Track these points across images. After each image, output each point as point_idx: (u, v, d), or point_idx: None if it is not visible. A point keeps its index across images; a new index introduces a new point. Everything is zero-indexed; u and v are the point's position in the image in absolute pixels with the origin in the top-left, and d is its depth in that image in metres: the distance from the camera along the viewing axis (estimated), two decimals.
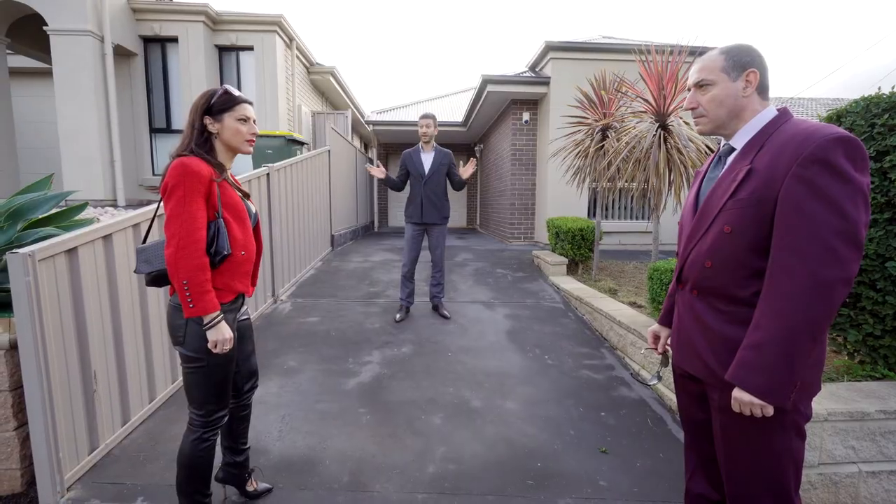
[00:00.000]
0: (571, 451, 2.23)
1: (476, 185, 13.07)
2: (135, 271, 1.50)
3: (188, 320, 1.43)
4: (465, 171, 3.75)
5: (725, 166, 1.21)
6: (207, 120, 1.45)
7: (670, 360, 1.44)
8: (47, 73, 7.38)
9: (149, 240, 1.61)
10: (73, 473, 1.90)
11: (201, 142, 1.45)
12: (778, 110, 1.17)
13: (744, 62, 1.15)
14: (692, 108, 1.27)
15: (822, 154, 0.98)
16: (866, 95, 2.31)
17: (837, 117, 2.43)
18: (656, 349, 1.52)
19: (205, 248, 1.38)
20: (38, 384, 1.74)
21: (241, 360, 1.70)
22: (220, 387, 1.53)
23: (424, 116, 3.82)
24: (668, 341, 1.48)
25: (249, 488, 1.84)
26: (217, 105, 1.45)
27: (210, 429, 1.55)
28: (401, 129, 11.38)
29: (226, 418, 1.61)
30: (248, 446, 1.84)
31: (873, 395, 2.01)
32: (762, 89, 1.17)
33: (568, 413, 2.57)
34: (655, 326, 1.55)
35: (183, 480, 1.56)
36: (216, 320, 1.42)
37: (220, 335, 1.43)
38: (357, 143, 11.99)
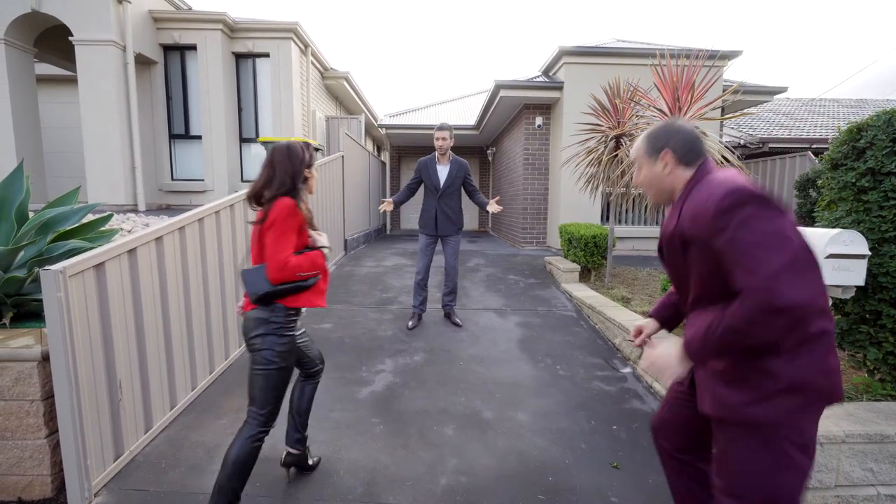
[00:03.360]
0: (583, 465, 2.23)
1: (488, 188, 13.06)
2: (246, 293, 1.70)
3: (266, 332, 1.66)
4: (492, 207, 3.68)
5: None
6: (307, 171, 1.76)
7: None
8: (72, 80, 7.63)
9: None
10: (100, 480, 1.98)
11: (301, 187, 1.74)
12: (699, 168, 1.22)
13: (659, 146, 1.25)
14: (637, 185, 1.37)
15: (734, 202, 1.03)
16: (888, 109, 2.27)
17: (858, 130, 2.39)
18: (635, 341, 1.54)
19: (288, 259, 1.64)
20: (69, 394, 1.82)
21: (306, 350, 1.98)
22: (281, 390, 1.74)
23: (441, 128, 3.71)
24: (650, 336, 1.51)
25: (311, 462, 2.11)
26: (312, 160, 1.79)
27: (266, 427, 1.71)
28: (413, 132, 11.43)
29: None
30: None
31: (894, 417, 1.97)
32: (687, 160, 1.22)
33: (580, 426, 2.57)
34: (642, 321, 1.57)
35: (228, 477, 1.62)
36: (327, 252, 1.80)
37: (327, 252, 1.80)
38: (370, 146, 12.10)
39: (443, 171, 3.83)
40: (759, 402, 1.07)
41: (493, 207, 3.69)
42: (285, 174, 1.68)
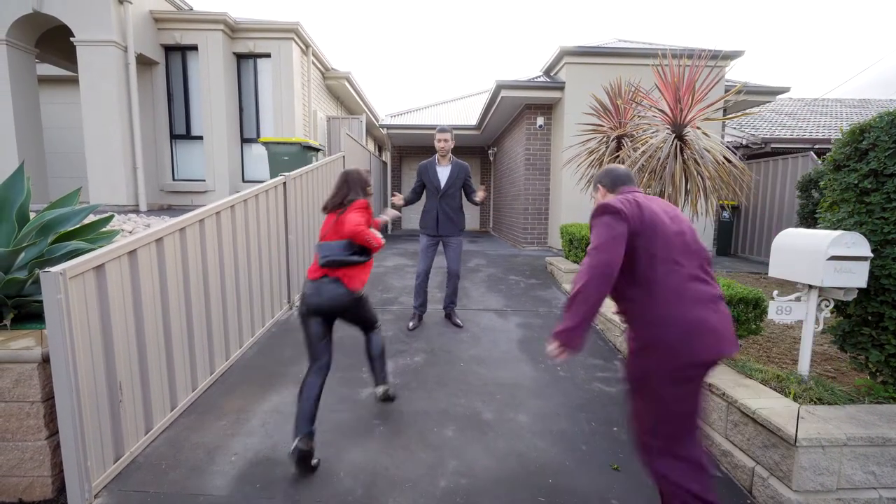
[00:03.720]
0: (583, 467, 2.23)
1: (489, 188, 13.06)
2: (319, 258, 2.27)
3: (361, 296, 2.36)
4: (480, 196, 3.77)
5: None
6: (368, 188, 2.46)
7: None
8: (74, 81, 7.64)
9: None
10: (101, 481, 1.98)
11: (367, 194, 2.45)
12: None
13: (596, 183, 1.92)
14: None
15: (593, 213, 1.64)
16: (891, 110, 2.26)
17: (860, 131, 2.37)
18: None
19: (362, 224, 2.28)
20: (69, 396, 1.82)
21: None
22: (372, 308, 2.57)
23: (442, 131, 3.75)
24: None
25: (313, 462, 2.16)
26: (370, 181, 2.48)
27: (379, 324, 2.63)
28: (415, 132, 11.43)
29: None
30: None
31: None
32: (612, 189, 1.82)
33: (580, 427, 2.57)
34: None
35: (382, 354, 2.59)
36: (388, 223, 2.44)
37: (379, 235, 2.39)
38: (371, 146, 12.10)
39: (443, 173, 3.85)
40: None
41: (479, 195, 3.78)
42: (358, 187, 2.40)
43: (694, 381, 1.49)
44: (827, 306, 2.40)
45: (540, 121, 7.77)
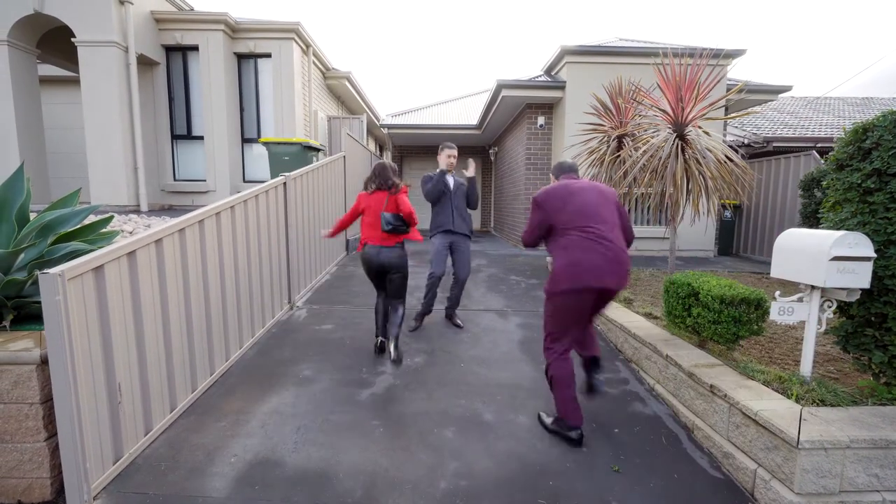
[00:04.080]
0: (584, 469, 2.22)
1: (490, 187, 13.04)
2: (383, 223, 3.16)
3: (405, 258, 3.31)
4: (470, 171, 4.05)
5: None
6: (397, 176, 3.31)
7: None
8: (75, 81, 7.66)
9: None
10: (99, 483, 1.98)
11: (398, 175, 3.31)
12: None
13: (550, 174, 2.71)
14: None
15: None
16: (894, 109, 2.24)
17: (863, 130, 2.36)
18: None
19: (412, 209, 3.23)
20: (68, 397, 1.82)
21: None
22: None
23: (451, 147, 4.01)
24: None
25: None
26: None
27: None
28: (416, 132, 11.42)
29: None
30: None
31: None
32: (557, 176, 2.68)
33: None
34: None
35: (400, 324, 3.29)
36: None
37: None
38: (372, 146, 12.09)
39: (449, 178, 4.02)
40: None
41: (470, 169, 4.08)
42: (390, 172, 3.26)
43: (572, 301, 2.32)
44: (829, 307, 2.38)
45: (541, 120, 7.76)
